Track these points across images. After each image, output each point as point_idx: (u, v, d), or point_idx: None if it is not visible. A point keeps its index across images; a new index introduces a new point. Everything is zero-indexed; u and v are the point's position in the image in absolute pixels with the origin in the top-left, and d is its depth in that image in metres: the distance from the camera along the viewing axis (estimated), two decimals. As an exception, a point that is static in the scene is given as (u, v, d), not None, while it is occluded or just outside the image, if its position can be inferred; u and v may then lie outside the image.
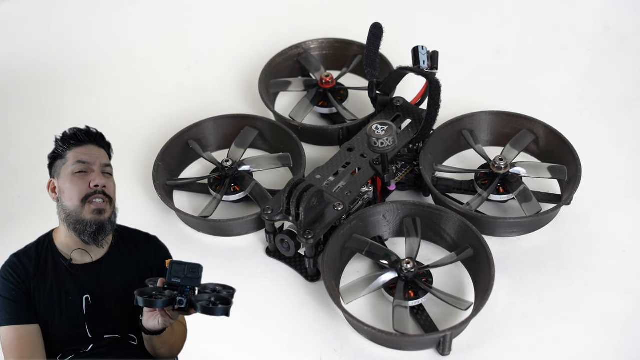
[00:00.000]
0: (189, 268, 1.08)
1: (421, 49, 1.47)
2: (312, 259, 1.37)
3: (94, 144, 1.20)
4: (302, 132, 1.57)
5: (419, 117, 1.51)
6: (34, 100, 1.76)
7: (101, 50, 1.87)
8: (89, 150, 1.19)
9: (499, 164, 1.46)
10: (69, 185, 1.17)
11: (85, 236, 1.15)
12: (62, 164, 1.19)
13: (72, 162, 1.18)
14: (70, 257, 1.17)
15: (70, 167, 1.17)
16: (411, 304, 1.32)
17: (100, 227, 1.16)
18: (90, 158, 1.18)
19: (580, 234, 1.44)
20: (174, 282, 1.07)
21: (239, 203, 1.51)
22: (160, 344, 1.15)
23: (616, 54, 1.78)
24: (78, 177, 1.17)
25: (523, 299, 1.36)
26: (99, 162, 1.18)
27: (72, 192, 1.16)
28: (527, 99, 1.68)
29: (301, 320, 1.35)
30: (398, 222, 1.42)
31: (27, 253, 1.18)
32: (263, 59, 1.70)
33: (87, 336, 1.16)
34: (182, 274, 1.08)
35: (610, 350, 1.30)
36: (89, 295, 1.16)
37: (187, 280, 1.08)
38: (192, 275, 1.08)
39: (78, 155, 1.18)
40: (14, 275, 1.16)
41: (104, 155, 1.21)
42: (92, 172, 1.17)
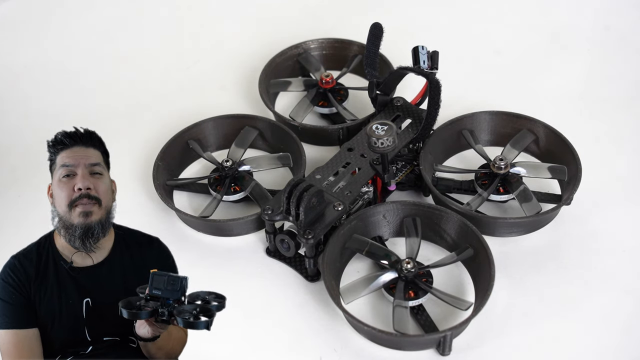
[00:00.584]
0: (169, 280, 1.07)
1: (421, 49, 1.47)
2: (312, 259, 1.37)
3: (81, 145, 1.19)
4: (302, 132, 1.57)
5: (419, 117, 1.51)
6: (34, 100, 1.75)
7: (101, 50, 1.87)
8: (73, 152, 1.18)
9: (499, 164, 1.46)
10: (57, 190, 1.16)
11: (74, 242, 1.14)
12: (54, 169, 1.18)
13: (58, 167, 1.17)
14: (71, 260, 1.17)
15: (58, 173, 1.17)
16: (411, 304, 1.32)
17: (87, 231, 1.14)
18: (74, 160, 1.17)
19: (580, 234, 1.44)
20: (155, 294, 1.07)
21: (239, 203, 1.51)
22: (155, 349, 1.15)
23: (616, 54, 1.78)
24: (64, 182, 1.16)
25: (523, 299, 1.36)
26: (82, 164, 1.16)
27: (59, 198, 1.16)
28: (527, 99, 1.68)
29: (301, 320, 1.35)
30: (398, 222, 1.42)
31: (28, 255, 1.18)
32: (263, 59, 1.70)
33: (87, 339, 1.15)
34: (163, 286, 1.08)
35: (610, 350, 1.30)
36: (89, 299, 1.16)
37: (168, 293, 1.07)
38: (172, 288, 1.07)
39: (63, 159, 1.17)
40: (14, 279, 1.15)
41: (92, 154, 1.19)
42: (76, 175, 1.16)
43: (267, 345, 1.32)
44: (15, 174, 1.60)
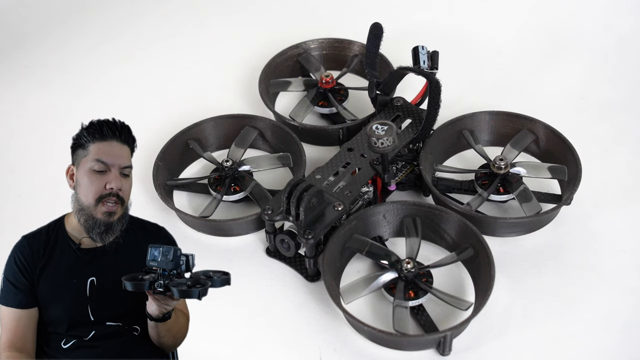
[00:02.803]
0: (163, 251, 1.10)
1: (421, 49, 1.47)
2: (312, 259, 1.37)
3: (118, 140, 1.19)
4: (302, 132, 1.57)
5: (419, 117, 1.51)
6: (34, 100, 1.76)
7: (101, 50, 1.87)
8: (111, 148, 1.18)
9: (499, 164, 1.46)
10: (86, 180, 1.17)
11: (93, 234, 1.17)
12: (83, 155, 1.18)
13: (92, 158, 1.17)
14: (79, 242, 1.18)
15: (90, 163, 1.17)
16: (411, 304, 1.32)
17: (108, 228, 1.17)
18: (111, 159, 1.17)
19: (580, 234, 1.44)
20: (151, 265, 1.09)
21: (239, 203, 1.51)
22: (165, 331, 1.16)
23: (616, 54, 1.78)
24: (96, 176, 1.16)
25: (523, 299, 1.36)
26: (118, 164, 1.18)
27: (88, 190, 1.16)
28: (527, 99, 1.68)
29: (301, 320, 1.35)
30: (398, 222, 1.42)
31: (38, 235, 1.20)
32: (263, 59, 1.70)
33: (90, 319, 1.16)
34: (159, 257, 1.10)
35: (610, 350, 1.30)
36: (94, 278, 1.17)
37: (163, 263, 1.10)
38: (166, 259, 1.10)
39: (99, 153, 1.17)
40: (21, 260, 1.18)
41: (125, 153, 1.20)
42: (110, 172, 1.17)
43: (267, 344, 1.32)
44: (15, 174, 1.60)
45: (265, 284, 1.40)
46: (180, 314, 1.19)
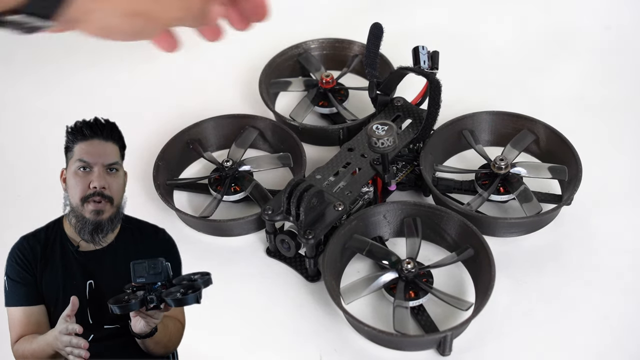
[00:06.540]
0: (149, 265, 1.10)
1: (421, 49, 1.47)
2: (313, 259, 1.37)
3: (100, 138, 1.20)
4: (302, 132, 1.57)
5: (420, 117, 1.51)
6: (34, 100, 1.75)
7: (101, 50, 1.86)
8: (92, 147, 1.19)
9: (500, 164, 1.46)
10: (72, 182, 1.18)
11: (84, 234, 1.17)
12: (70, 157, 1.20)
13: (75, 159, 1.18)
14: (77, 244, 1.19)
15: (74, 165, 1.18)
16: (412, 304, 1.32)
17: (97, 227, 1.17)
18: (92, 158, 1.19)
19: (580, 234, 1.44)
20: (140, 282, 1.08)
21: (239, 203, 1.51)
22: (153, 344, 1.16)
23: (616, 54, 1.78)
24: (80, 176, 1.18)
25: (523, 299, 1.36)
26: (100, 162, 1.18)
27: (74, 190, 1.18)
28: (527, 99, 1.68)
29: (301, 320, 1.35)
30: (398, 222, 1.42)
31: (37, 236, 1.20)
32: (263, 59, 1.70)
33: (89, 322, 1.16)
34: (145, 272, 1.10)
35: (610, 350, 1.30)
36: (92, 280, 1.17)
37: (152, 277, 1.09)
38: (154, 272, 1.10)
39: (81, 153, 1.19)
40: (22, 258, 1.18)
41: (110, 150, 1.21)
42: (93, 171, 1.18)
43: (267, 345, 1.32)
44: (15, 174, 1.60)
45: (265, 284, 1.40)
46: (168, 322, 1.18)
